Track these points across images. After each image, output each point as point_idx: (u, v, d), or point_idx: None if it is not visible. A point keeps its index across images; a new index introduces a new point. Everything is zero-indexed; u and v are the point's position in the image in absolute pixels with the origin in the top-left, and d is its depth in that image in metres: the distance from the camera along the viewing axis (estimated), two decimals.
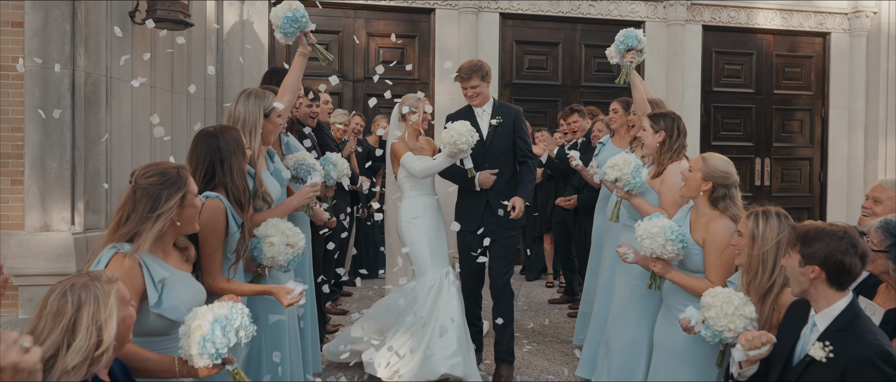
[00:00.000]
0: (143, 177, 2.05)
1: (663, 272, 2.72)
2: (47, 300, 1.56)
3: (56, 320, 1.52)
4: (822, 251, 1.97)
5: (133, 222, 2.01)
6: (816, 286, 2.00)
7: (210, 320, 1.87)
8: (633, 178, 3.15)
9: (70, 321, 1.53)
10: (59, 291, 1.57)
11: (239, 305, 1.97)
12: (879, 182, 2.72)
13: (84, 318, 1.53)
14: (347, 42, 6.83)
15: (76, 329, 1.52)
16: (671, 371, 2.72)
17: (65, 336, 1.51)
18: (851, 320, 1.96)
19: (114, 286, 1.62)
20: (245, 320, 1.94)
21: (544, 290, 6.13)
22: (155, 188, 2.03)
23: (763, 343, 2.09)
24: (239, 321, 1.91)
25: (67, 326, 1.52)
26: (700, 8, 7.44)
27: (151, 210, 2.00)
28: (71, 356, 1.50)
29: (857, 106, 7.81)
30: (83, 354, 1.51)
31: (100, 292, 1.57)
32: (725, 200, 2.65)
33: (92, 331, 1.54)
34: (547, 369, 4.03)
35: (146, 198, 2.01)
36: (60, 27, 4.40)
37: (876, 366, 1.83)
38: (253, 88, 3.04)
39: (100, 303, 1.56)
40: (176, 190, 2.05)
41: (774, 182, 7.83)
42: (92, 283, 1.59)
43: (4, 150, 4.45)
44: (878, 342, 1.87)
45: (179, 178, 2.07)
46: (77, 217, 4.46)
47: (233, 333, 1.89)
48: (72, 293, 1.56)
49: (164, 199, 2.02)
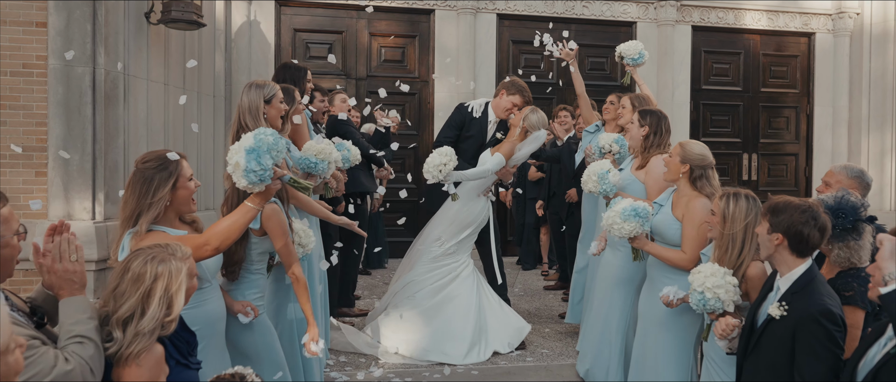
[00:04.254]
0: (141, 162, 2.32)
1: (642, 245, 3.02)
2: (129, 265, 1.79)
3: (136, 285, 1.75)
4: (786, 221, 2.25)
5: (132, 202, 2.26)
6: (780, 252, 2.28)
7: (243, 154, 2.22)
8: (601, 186, 3.46)
9: (146, 289, 1.75)
10: (142, 259, 1.79)
11: (263, 131, 2.31)
12: (831, 168, 3.01)
13: (158, 289, 1.76)
14: (350, 42, 7.10)
15: (150, 298, 1.75)
16: (655, 337, 3.01)
17: (141, 303, 1.74)
18: (807, 283, 2.23)
19: (186, 262, 1.86)
20: (271, 139, 2.27)
21: (540, 279, 6.41)
22: (150, 172, 2.26)
23: (733, 327, 2.45)
24: (266, 145, 2.25)
25: (144, 293, 1.75)
26: (689, 9, 7.73)
27: (146, 192, 2.24)
28: (144, 322, 1.74)
29: (840, 103, 8.11)
30: (155, 322, 1.75)
31: (173, 267, 1.80)
32: (702, 179, 2.95)
33: (164, 302, 1.77)
34: (542, 344, 4.32)
35: (142, 180, 2.26)
36: (82, 27, 4.65)
37: (819, 323, 2.11)
38: (256, 80, 3.31)
39: (172, 277, 1.79)
40: (168, 175, 2.28)
41: (761, 177, 8.13)
42: (169, 257, 1.81)
43: (29, 143, 4.70)
44: (823, 302, 2.14)
45: (172, 163, 2.31)
46: (97, 207, 4.71)
47: (267, 157, 2.24)
48: (152, 263, 1.78)
49: (157, 182, 2.25)
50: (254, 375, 1.88)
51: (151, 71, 5.28)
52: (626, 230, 2.98)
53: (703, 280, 2.52)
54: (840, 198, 2.44)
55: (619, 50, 4.61)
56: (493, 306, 4.17)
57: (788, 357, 2.17)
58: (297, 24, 6.96)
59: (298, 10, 6.95)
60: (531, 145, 4.30)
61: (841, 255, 2.42)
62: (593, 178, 3.48)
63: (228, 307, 2.61)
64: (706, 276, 2.53)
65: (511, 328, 4.15)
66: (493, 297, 4.23)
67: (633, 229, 2.98)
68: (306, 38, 7.00)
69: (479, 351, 3.97)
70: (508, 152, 4.18)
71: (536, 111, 4.27)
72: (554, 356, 4.12)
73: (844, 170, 2.92)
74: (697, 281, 2.54)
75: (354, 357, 4.05)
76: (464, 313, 4.04)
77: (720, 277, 2.50)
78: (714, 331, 2.52)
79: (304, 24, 6.98)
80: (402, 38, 7.17)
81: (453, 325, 4.01)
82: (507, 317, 4.19)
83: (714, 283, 2.49)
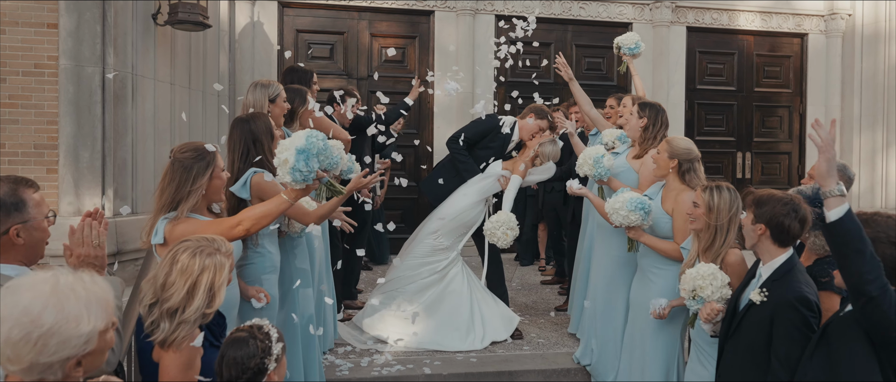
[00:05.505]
0: (179, 152, 2.47)
1: (637, 236, 3.17)
2: (179, 257, 1.92)
3: (183, 276, 1.89)
4: (769, 212, 2.40)
5: (171, 188, 2.40)
6: (762, 241, 2.43)
7: (293, 152, 2.31)
8: (596, 169, 3.60)
9: (193, 281, 1.89)
10: (190, 251, 1.93)
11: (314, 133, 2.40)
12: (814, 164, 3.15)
13: (203, 282, 1.90)
14: (352, 42, 7.23)
15: (195, 290, 1.89)
16: (644, 323, 3.16)
17: (187, 294, 1.88)
18: (787, 271, 2.37)
19: (229, 258, 2.00)
20: (321, 144, 2.38)
21: (537, 274, 6.55)
22: (189, 161, 2.42)
23: (718, 311, 2.61)
24: (316, 149, 2.36)
25: (190, 286, 1.89)
26: (684, 10, 7.88)
27: (185, 180, 2.38)
28: (189, 312, 1.88)
29: (833, 103, 8.26)
30: (198, 313, 1.89)
31: (218, 261, 1.94)
32: (690, 172, 3.11)
33: (208, 295, 1.91)
34: (538, 334, 4.48)
35: (181, 169, 2.41)
36: (92, 28, 4.78)
37: (796, 309, 2.26)
38: (261, 80, 3.45)
39: (217, 271, 1.93)
40: (206, 165, 2.44)
41: (755, 175, 8.27)
42: (215, 252, 1.95)
43: (40, 141, 4.84)
44: (800, 289, 2.29)
45: (209, 154, 2.47)
46: (107, 203, 4.85)
47: (314, 160, 2.35)
48: (199, 256, 1.92)
49: (196, 171, 2.40)
50: (270, 325, 1.97)
51: (158, 71, 5.42)
52: (631, 220, 3.13)
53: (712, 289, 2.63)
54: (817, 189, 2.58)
55: (616, 41, 4.86)
56: (486, 298, 4.32)
57: (766, 339, 2.32)
58: (299, 25, 7.10)
59: (300, 12, 7.10)
60: (541, 173, 4.51)
61: (817, 243, 2.56)
62: (589, 161, 3.62)
63: (242, 292, 2.75)
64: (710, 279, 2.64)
65: (505, 319, 4.30)
66: (484, 290, 4.38)
67: (637, 220, 3.14)
68: (308, 39, 7.14)
69: (477, 340, 4.12)
70: (522, 173, 4.37)
71: (554, 143, 4.48)
72: (549, 345, 4.27)
73: None
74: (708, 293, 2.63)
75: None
76: (458, 304, 4.20)
77: (721, 279, 2.65)
78: (700, 315, 2.66)
79: (306, 25, 7.12)
80: (402, 39, 7.32)
81: (450, 316, 4.16)
82: (500, 309, 4.34)
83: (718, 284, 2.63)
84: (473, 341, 4.11)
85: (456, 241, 4.32)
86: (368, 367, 3.73)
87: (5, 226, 1.84)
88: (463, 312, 4.19)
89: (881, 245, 1.97)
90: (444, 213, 4.33)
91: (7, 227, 1.84)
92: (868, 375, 1.92)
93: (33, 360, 1.30)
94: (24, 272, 1.88)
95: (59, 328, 1.31)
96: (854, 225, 1.90)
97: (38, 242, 1.91)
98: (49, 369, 1.32)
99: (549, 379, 3.86)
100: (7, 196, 1.85)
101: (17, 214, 1.85)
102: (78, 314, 1.34)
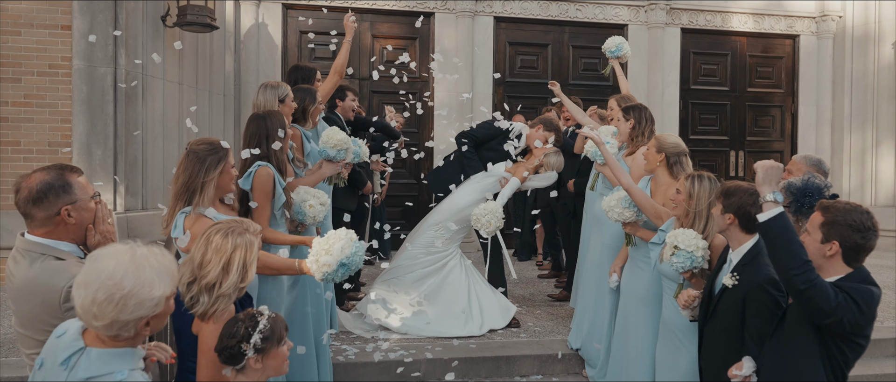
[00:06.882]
0: (194, 145, 2.63)
1: (634, 231, 3.37)
2: (212, 238, 2.08)
3: (218, 255, 2.05)
4: (736, 203, 2.58)
5: (184, 176, 2.55)
6: (731, 229, 2.61)
7: (337, 261, 2.43)
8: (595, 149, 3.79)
9: (227, 258, 2.05)
10: (223, 232, 2.09)
11: (359, 246, 2.50)
12: (793, 158, 3.36)
13: (236, 259, 2.06)
14: (354, 43, 7.39)
15: (230, 267, 2.05)
16: (635, 311, 3.36)
17: (223, 270, 2.05)
18: (754, 256, 2.55)
19: (257, 237, 2.17)
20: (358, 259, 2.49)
21: (534, 268, 6.73)
22: (203, 153, 2.58)
23: (694, 297, 2.78)
24: (357, 264, 2.48)
25: (225, 263, 2.05)
26: (679, 12, 8.06)
27: (198, 170, 2.54)
28: (225, 286, 2.04)
29: (824, 103, 8.45)
30: (232, 287, 2.06)
31: (248, 240, 2.11)
32: (678, 165, 3.29)
33: (241, 271, 2.07)
34: (535, 323, 4.65)
35: (196, 160, 2.56)
36: (104, 30, 4.96)
37: (766, 290, 2.44)
38: (270, 81, 3.63)
39: (248, 249, 2.10)
40: (218, 158, 2.59)
41: (748, 173, 8.45)
42: (245, 231, 2.12)
43: (54, 139, 5.01)
44: (768, 271, 2.46)
45: (221, 148, 2.63)
46: (119, 199, 5.03)
47: (347, 271, 2.47)
48: (231, 236, 2.08)
49: (209, 163, 2.55)
50: (267, 310, 2.11)
51: (167, 71, 5.59)
52: (626, 216, 3.35)
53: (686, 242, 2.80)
54: (806, 180, 2.75)
55: (603, 46, 5.10)
56: (484, 289, 4.51)
57: (741, 320, 2.49)
58: (303, 26, 7.27)
59: (304, 13, 7.27)
60: (540, 181, 4.69)
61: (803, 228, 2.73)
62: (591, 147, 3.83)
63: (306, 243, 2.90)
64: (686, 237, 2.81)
65: (502, 309, 4.49)
66: (483, 281, 4.56)
67: (631, 216, 3.35)
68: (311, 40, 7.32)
69: (475, 327, 4.30)
70: (522, 178, 4.55)
71: (558, 154, 4.67)
72: (545, 333, 4.44)
73: (804, 159, 3.26)
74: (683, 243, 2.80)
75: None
76: (457, 293, 4.40)
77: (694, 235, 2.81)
78: (678, 302, 2.82)
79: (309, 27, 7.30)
80: (402, 40, 7.49)
81: (449, 304, 4.35)
82: (498, 299, 4.52)
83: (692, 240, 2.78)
84: (472, 328, 4.29)
85: (456, 234, 4.50)
86: (373, 352, 3.90)
87: (57, 207, 2.03)
88: (461, 300, 4.38)
89: (839, 227, 2.14)
90: (447, 207, 4.51)
91: (58, 208, 2.03)
92: (810, 373, 2.13)
93: (114, 318, 1.53)
94: (75, 251, 2.08)
95: (137, 292, 1.54)
96: (781, 227, 2.10)
97: (86, 221, 2.09)
98: (125, 326, 1.56)
99: (544, 364, 4.04)
100: (55, 180, 2.04)
101: (66, 195, 2.04)
102: (152, 281, 1.56)
